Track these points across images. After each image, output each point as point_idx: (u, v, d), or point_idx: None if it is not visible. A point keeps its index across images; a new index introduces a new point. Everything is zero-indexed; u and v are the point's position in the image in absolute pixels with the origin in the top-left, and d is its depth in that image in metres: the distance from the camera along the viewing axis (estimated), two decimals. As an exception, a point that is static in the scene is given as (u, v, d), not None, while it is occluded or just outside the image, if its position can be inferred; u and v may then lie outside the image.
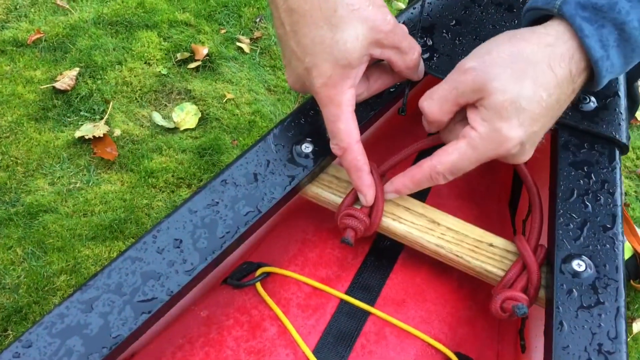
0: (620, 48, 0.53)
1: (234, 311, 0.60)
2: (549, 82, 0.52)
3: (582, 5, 0.52)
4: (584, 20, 0.51)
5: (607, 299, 0.54)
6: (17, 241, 1.59)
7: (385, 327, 0.59)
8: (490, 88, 0.52)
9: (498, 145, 0.53)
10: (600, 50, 0.52)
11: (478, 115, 0.53)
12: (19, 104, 1.90)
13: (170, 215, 0.57)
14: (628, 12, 0.51)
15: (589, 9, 0.51)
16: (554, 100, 0.53)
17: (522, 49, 0.53)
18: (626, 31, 0.51)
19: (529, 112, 0.52)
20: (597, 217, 0.59)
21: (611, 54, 0.52)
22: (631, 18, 0.51)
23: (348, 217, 0.60)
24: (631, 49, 0.53)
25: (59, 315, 0.51)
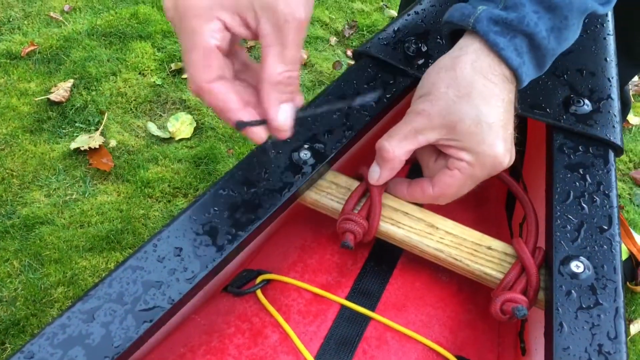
0: (532, 54, 0.57)
1: (235, 319, 0.61)
2: (494, 90, 0.56)
3: (494, 20, 0.56)
4: (496, 34, 0.55)
5: (606, 299, 0.54)
6: (13, 253, 1.58)
7: (387, 332, 0.60)
8: (450, 122, 0.55)
9: (492, 166, 0.56)
10: (517, 58, 0.56)
11: (455, 146, 0.56)
12: (13, 117, 1.90)
13: (170, 224, 0.57)
14: (536, 24, 0.55)
15: (500, 24, 0.55)
16: (507, 102, 0.57)
17: (454, 76, 0.56)
18: (535, 40, 0.56)
19: (497, 122, 0.55)
20: (593, 219, 0.60)
21: (526, 59, 0.57)
22: (540, 29, 0.55)
23: (346, 221, 0.60)
24: (542, 55, 0.57)
25: (61, 325, 0.51)
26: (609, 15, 0.74)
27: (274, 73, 0.48)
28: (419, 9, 0.76)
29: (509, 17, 0.55)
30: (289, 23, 0.47)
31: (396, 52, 0.72)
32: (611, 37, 0.73)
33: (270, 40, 0.47)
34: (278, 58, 0.48)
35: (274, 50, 0.48)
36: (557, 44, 0.57)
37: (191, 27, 0.46)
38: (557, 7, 0.56)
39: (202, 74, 0.47)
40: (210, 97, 0.49)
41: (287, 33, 0.47)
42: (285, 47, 0.48)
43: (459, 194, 0.59)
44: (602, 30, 0.73)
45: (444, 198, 0.59)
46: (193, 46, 0.47)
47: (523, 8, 0.55)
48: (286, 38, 0.47)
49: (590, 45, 0.72)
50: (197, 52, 0.47)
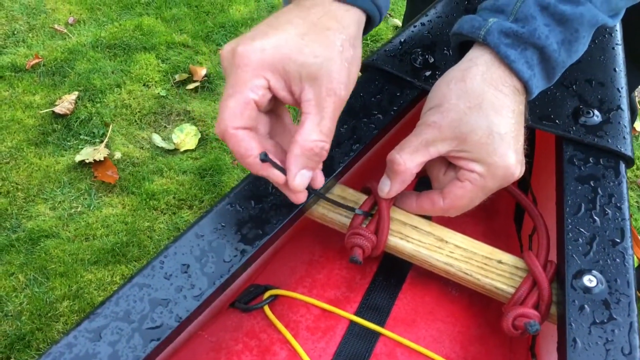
0: (542, 66, 0.57)
1: (242, 335, 0.60)
2: (504, 101, 0.56)
3: (505, 33, 0.56)
4: (507, 47, 0.56)
5: (620, 314, 0.54)
6: (19, 267, 1.58)
7: (397, 348, 0.59)
8: (461, 133, 0.55)
9: (504, 177, 0.56)
10: (528, 71, 0.56)
11: (466, 157, 0.56)
12: (18, 129, 1.90)
13: (176, 240, 0.57)
14: (547, 37, 0.56)
15: (511, 36, 0.56)
16: (518, 114, 0.57)
17: (464, 88, 0.56)
18: (546, 53, 0.56)
19: (508, 133, 0.55)
20: (605, 232, 0.59)
21: (536, 72, 0.57)
22: (550, 42, 0.56)
23: (355, 235, 0.59)
24: (552, 67, 0.58)
25: (67, 345, 0.50)
26: (617, 24, 0.74)
27: (308, 139, 0.50)
28: (425, 20, 0.75)
29: (520, 30, 0.55)
30: (330, 97, 0.50)
31: (403, 64, 0.71)
32: (620, 47, 0.72)
33: (311, 108, 0.50)
34: (316, 126, 0.50)
35: (313, 118, 0.50)
36: (567, 56, 0.58)
37: (238, 76, 0.49)
38: (568, 20, 0.56)
39: (231, 120, 0.49)
40: (233, 142, 0.50)
41: (326, 105, 0.50)
42: (324, 118, 0.50)
43: (469, 206, 0.59)
44: (611, 40, 0.73)
45: (454, 210, 0.59)
46: (233, 93, 0.49)
47: (534, 21, 0.55)
48: (325, 110, 0.50)
49: (599, 56, 0.71)
50: (234, 100, 0.49)
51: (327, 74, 0.50)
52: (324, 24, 0.51)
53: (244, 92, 0.49)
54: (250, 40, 0.49)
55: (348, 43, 0.52)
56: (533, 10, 0.56)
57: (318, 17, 0.51)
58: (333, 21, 0.52)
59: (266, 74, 0.49)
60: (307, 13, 0.52)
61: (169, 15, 2.39)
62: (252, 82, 0.49)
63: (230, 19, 2.41)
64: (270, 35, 0.50)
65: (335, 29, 0.51)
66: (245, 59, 0.49)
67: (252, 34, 0.50)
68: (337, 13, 0.52)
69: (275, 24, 0.51)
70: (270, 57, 0.49)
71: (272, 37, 0.49)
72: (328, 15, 0.52)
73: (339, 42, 0.51)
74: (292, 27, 0.50)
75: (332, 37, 0.51)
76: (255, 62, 0.49)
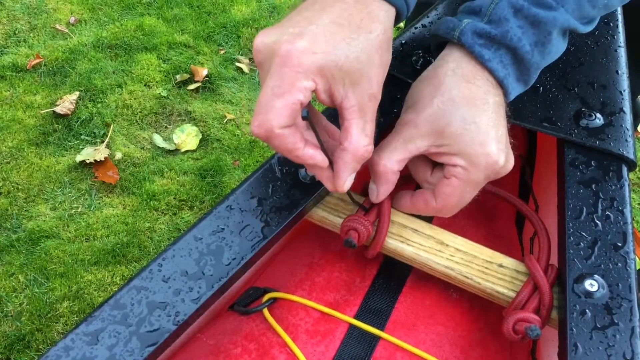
0: (516, 66, 0.58)
1: (241, 339, 0.59)
2: (477, 93, 0.56)
3: (478, 34, 0.57)
4: (481, 47, 0.57)
5: (621, 319, 0.53)
6: (19, 268, 1.58)
7: (397, 352, 0.58)
8: (438, 127, 0.55)
9: (487, 165, 0.55)
10: (502, 69, 0.57)
11: (447, 152, 0.56)
12: (19, 129, 1.90)
13: (175, 243, 0.56)
14: (520, 39, 0.57)
15: (484, 37, 0.57)
16: (494, 104, 0.57)
17: (437, 84, 0.57)
18: (519, 54, 0.57)
19: (485, 122, 0.55)
20: (607, 236, 0.59)
21: (510, 72, 0.58)
22: (523, 43, 0.57)
23: (351, 220, 0.59)
24: (526, 68, 0.58)
25: (64, 348, 0.50)
26: (620, 27, 0.73)
27: (360, 146, 0.51)
28: (426, 21, 0.75)
29: (493, 31, 0.56)
30: (372, 102, 0.51)
31: (404, 65, 0.71)
32: (622, 49, 0.72)
33: (354, 114, 0.51)
34: (362, 131, 0.51)
35: (359, 123, 0.51)
36: (541, 58, 0.59)
37: (286, 76, 0.48)
38: (541, 23, 0.57)
39: (278, 121, 0.48)
40: (279, 140, 0.50)
41: (368, 110, 0.51)
42: (367, 122, 0.52)
43: (461, 203, 0.58)
44: (613, 42, 0.72)
45: (447, 210, 0.58)
46: (280, 94, 0.48)
47: (507, 23, 0.57)
48: (367, 115, 0.52)
49: (601, 58, 0.71)
50: (282, 101, 0.48)
51: (368, 79, 0.51)
52: (366, 26, 0.51)
53: (293, 94, 0.48)
54: (297, 38, 0.48)
55: (385, 46, 0.52)
56: (506, 13, 0.57)
57: (361, 19, 0.51)
58: (376, 23, 0.52)
59: (316, 77, 0.49)
60: (350, 12, 0.51)
61: (171, 15, 2.39)
62: (302, 83, 0.48)
63: (231, 19, 2.41)
64: (317, 35, 0.49)
65: (376, 33, 0.51)
66: (294, 59, 0.48)
67: (296, 30, 0.49)
68: (378, 14, 0.52)
69: (317, 20, 0.50)
70: (320, 62, 0.48)
71: (320, 37, 0.49)
72: (370, 16, 0.51)
73: (378, 46, 0.51)
74: (339, 28, 0.50)
75: (374, 42, 0.51)
76: (305, 64, 0.48)
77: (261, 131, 0.49)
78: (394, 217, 0.62)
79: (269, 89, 0.49)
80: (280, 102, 0.48)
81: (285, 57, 0.48)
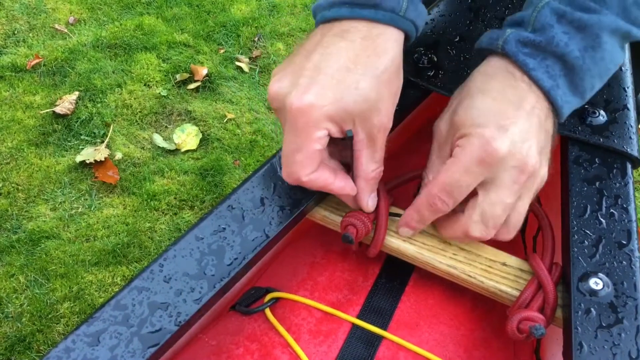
0: (568, 77, 0.54)
1: (243, 339, 0.59)
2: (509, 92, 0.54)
3: (523, 42, 0.54)
4: (526, 55, 0.54)
5: (627, 317, 0.53)
6: (19, 268, 1.57)
7: (400, 352, 0.58)
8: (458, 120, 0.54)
9: (481, 145, 0.51)
10: (549, 80, 0.54)
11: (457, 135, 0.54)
12: (19, 130, 1.90)
13: (176, 243, 0.56)
14: (567, 44, 0.53)
15: (529, 45, 0.54)
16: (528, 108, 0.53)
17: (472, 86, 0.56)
18: (568, 61, 0.54)
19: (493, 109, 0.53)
20: (612, 234, 0.58)
21: (560, 83, 0.54)
22: (571, 49, 0.53)
23: (349, 216, 0.59)
24: (579, 77, 0.55)
25: (65, 349, 0.49)
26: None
27: (368, 171, 0.56)
28: (428, 19, 0.75)
29: (537, 39, 0.54)
30: (380, 132, 0.54)
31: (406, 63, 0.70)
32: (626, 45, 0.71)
33: (364, 145, 0.54)
34: (371, 159, 0.56)
35: (367, 153, 0.55)
36: (593, 64, 0.55)
37: (300, 130, 0.52)
38: (587, 26, 0.54)
39: (303, 170, 0.53)
40: (310, 184, 0.55)
41: (377, 139, 0.54)
42: (376, 150, 0.55)
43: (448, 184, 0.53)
44: (616, 39, 0.72)
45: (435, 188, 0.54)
46: (300, 148, 0.52)
47: (552, 29, 0.54)
48: (377, 143, 0.55)
49: (604, 55, 0.70)
50: (302, 154, 0.52)
51: (377, 113, 0.53)
52: (373, 64, 0.52)
53: (311, 145, 0.52)
54: (305, 94, 0.51)
55: (394, 76, 0.54)
56: (550, 19, 0.54)
57: (367, 56, 0.52)
58: (382, 58, 0.53)
59: (327, 125, 0.52)
60: (358, 50, 0.53)
61: (170, 14, 2.38)
62: (316, 134, 0.52)
63: (231, 19, 2.41)
64: (325, 85, 0.51)
65: (383, 67, 0.53)
66: (305, 116, 0.51)
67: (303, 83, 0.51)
68: (386, 46, 0.53)
69: (325, 67, 0.52)
70: (329, 112, 0.51)
71: (328, 88, 0.51)
72: (376, 52, 0.53)
73: (387, 80, 0.53)
74: (346, 75, 0.52)
75: (381, 78, 0.53)
76: (315, 118, 0.51)
77: (291, 180, 0.55)
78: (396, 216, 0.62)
79: (288, 145, 0.53)
80: (301, 156, 0.52)
81: (297, 113, 0.51)
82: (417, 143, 0.79)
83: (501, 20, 0.74)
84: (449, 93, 0.66)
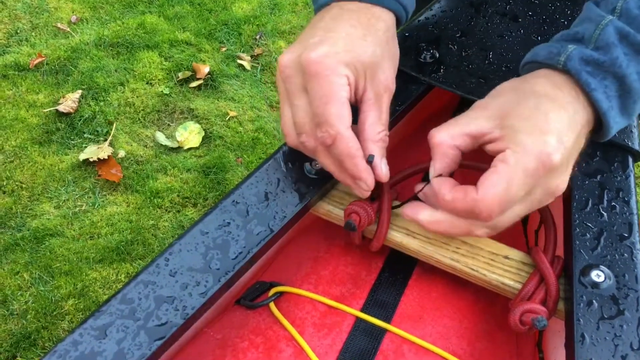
0: (622, 99, 0.54)
1: (248, 333, 0.60)
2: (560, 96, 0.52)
3: (585, 60, 0.53)
4: (588, 75, 0.53)
5: (628, 309, 0.53)
6: (24, 266, 1.58)
7: (403, 345, 0.58)
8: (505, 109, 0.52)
9: (539, 155, 0.48)
10: (606, 101, 0.53)
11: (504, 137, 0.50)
12: (22, 128, 1.91)
13: (181, 237, 0.57)
14: (628, 65, 0.53)
15: (592, 64, 0.53)
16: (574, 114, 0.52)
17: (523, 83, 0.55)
18: (627, 83, 0.53)
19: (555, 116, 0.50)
20: (613, 226, 0.59)
21: (614, 104, 0.54)
22: (631, 71, 0.53)
23: (353, 204, 0.59)
24: (632, 101, 0.54)
25: (73, 342, 0.50)
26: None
27: (375, 133, 0.55)
28: (430, 14, 0.75)
29: (602, 58, 0.53)
30: (386, 93, 0.56)
31: (407, 59, 0.71)
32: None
33: (371, 106, 0.55)
34: (378, 120, 0.56)
35: (374, 114, 0.55)
36: None
37: (323, 82, 0.52)
38: None
39: (341, 123, 0.52)
40: (345, 143, 0.53)
41: (384, 101, 0.56)
42: (382, 111, 0.56)
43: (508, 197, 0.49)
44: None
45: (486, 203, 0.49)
46: (329, 99, 0.52)
47: (615, 49, 0.53)
48: (382, 104, 0.56)
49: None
50: (332, 105, 0.52)
51: (382, 71, 0.55)
52: (374, 25, 0.56)
53: (338, 93, 0.52)
54: (319, 46, 0.53)
55: (392, 41, 0.58)
56: (614, 39, 0.53)
57: (368, 19, 0.56)
58: (380, 22, 0.57)
59: (346, 71, 0.53)
60: (357, 15, 0.56)
61: (172, 13, 2.39)
62: (339, 82, 0.52)
63: (232, 17, 2.41)
64: (336, 38, 0.54)
65: (383, 30, 0.57)
66: (322, 65, 0.52)
67: (316, 39, 0.54)
68: (381, 15, 0.58)
69: (333, 28, 0.55)
70: (344, 59, 0.53)
71: (339, 40, 0.54)
72: (375, 17, 0.57)
73: (386, 41, 0.57)
74: (353, 30, 0.55)
75: (382, 37, 0.56)
76: (333, 65, 0.52)
77: (329, 138, 0.53)
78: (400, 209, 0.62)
79: (317, 101, 0.53)
80: (333, 107, 0.52)
81: (315, 65, 0.52)
82: (419, 138, 0.79)
83: (502, 15, 0.75)
84: (451, 88, 0.66)
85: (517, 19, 0.75)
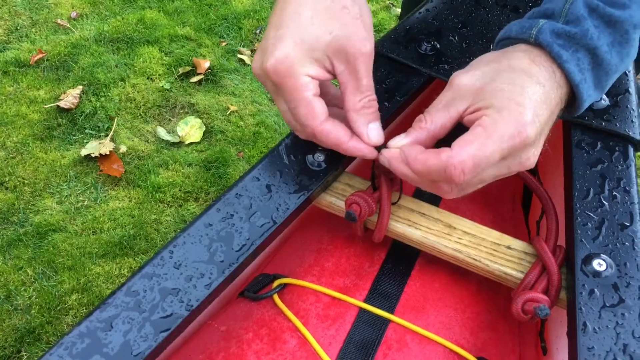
0: (594, 72, 0.55)
1: (252, 324, 0.60)
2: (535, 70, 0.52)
3: (557, 33, 0.54)
4: (560, 47, 0.53)
5: (630, 297, 0.53)
6: (27, 261, 1.59)
7: (406, 335, 0.59)
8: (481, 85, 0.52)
9: (516, 123, 0.49)
10: (579, 74, 0.54)
11: (480, 108, 0.51)
12: (23, 124, 1.91)
13: (185, 230, 0.57)
14: (599, 38, 0.54)
15: (563, 37, 0.54)
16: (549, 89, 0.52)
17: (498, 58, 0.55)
18: (598, 55, 0.54)
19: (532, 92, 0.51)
20: (615, 216, 0.59)
21: (587, 77, 0.54)
22: (602, 43, 0.54)
23: (354, 195, 0.60)
24: (605, 72, 0.55)
25: (79, 334, 0.50)
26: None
27: (354, 102, 0.56)
28: (430, 6, 0.75)
29: (573, 30, 0.53)
30: (359, 59, 0.54)
31: (408, 51, 0.71)
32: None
33: (345, 77, 0.55)
34: (355, 89, 0.56)
35: (350, 84, 0.55)
36: (619, 60, 0.55)
37: (287, 87, 0.54)
38: (618, 22, 0.54)
39: (312, 122, 0.55)
40: (324, 137, 0.56)
41: (358, 68, 0.55)
42: (359, 79, 0.55)
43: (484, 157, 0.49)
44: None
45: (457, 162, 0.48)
46: (297, 103, 0.54)
47: (585, 22, 0.54)
48: (359, 72, 0.55)
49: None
50: (301, 106, 0.54)
51: (345, 40, 0.53)
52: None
53: (302, 94, 0.54)
54: (271, 52, 0.53)
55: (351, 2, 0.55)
56: (583, 12, 0.54)
57: None
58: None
59: (304, 69, 0.54)
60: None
61: (172, 8, 2.38)
62: (300, 83, 0.54)
63: (232, 11, 2.41)
64: (285, 37, 0.53)
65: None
66: (280, 73, 0.53)
67: (269, 44, 0.54)
68: None
69: (280, 22, 0.54)
70: (299, 55, 0.53)
71: (288, 38, 0.53)
72: None
73: (341, 7, 0.54)
74: (297, 16, 0.54)
75: (333, 5, 0.54)
76: (290, 68, 0.53)
77: (306, 134, 0.57)
78: (402, 201, 0.62)
79: (286, 105, 0.56)
80: (302, 108, 0.54)
81: (274, 74, 0.54)
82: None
83: (502, 7, 0.75)
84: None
85: (518, 10, 0.75)
